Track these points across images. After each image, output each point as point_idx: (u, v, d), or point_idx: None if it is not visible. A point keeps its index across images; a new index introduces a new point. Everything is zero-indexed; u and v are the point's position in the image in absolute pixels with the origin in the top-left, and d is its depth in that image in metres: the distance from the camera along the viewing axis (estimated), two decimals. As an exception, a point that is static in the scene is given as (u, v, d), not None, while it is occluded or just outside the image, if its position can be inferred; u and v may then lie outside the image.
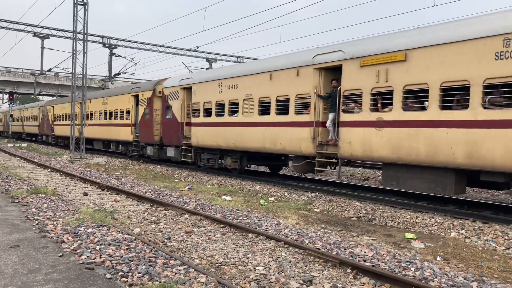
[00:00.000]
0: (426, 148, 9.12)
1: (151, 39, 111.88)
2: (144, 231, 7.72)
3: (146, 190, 12.49)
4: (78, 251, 6.00)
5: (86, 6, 24.56)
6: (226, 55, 45.09)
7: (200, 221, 8.57)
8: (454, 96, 8.74)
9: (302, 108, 12.26)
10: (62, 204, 9.63)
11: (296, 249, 6.64)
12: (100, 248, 6.14)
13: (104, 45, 38.15)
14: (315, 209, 10.47)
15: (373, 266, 5.82)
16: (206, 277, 5.14)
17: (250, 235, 7.48)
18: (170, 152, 19.24)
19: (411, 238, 7.80)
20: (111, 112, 24.77)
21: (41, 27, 35.33)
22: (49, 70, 40.53)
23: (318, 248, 6.63)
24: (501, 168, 8.03)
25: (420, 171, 9.58)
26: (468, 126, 8.41)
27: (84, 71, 25.01)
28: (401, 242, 7.63)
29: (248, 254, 6.35)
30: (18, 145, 37.24)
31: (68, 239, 6.61)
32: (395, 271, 5.69)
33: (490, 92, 8.15)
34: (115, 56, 38.67)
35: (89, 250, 6.03)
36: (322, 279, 5.42)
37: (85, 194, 11.74)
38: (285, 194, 12.24)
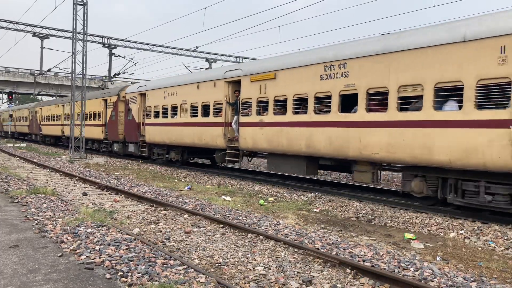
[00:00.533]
0: (286, 141, 12.60)
1: (150, 39, 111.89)
2: (144, 231, 7.72)
3: (145, 190, 12.48)
4: (77, 251, 6.00)
5: (85, 6, 24.56)
6: (225, 55, 45.09)
7: (200, 221, 8.57)
8: (301, 104, 12.23)
9: (217, 111, 15.66)
10: (62, 204, 9.62)
11: (296, 249, 6.64)
12: (99, 248, 6.14)
13: (104, 45, 38.13)
14: (314, 209, 10.48)
15: (373, 266, 5.83)
16: (206, 277, 5.14)
17: (249, 235, 7.48)
18: (131, 148, 22.78)
19: (410, 238, 7.80)
20: (87, 114, 28.08)
21: (41, 27, 35.31)
22: (49, 70, 40.50)
23: (318, 248, 6.64)
24: (326, 155, 11.57)
25: (287, 158, 13.07)
26: (307, 126, 11.92)
27: (84, 71, 25.00)
28: (400, 242, 7.63)
29: (248, 254, 6.35)
30: (17, 145, 37.22)
31: (67, 239, 6.61)
32: (394, 271, 5.70)
33: (319, 102, 11.73)
34: (115, 56, 38.65)
35: (89, 250, 6.03)
36: (321, 279, 5.42)
37: (85, 194, 11.73)
38: (285, 194, 12.24)
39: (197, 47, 36.56)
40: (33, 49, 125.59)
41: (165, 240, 7.10)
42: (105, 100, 25.34)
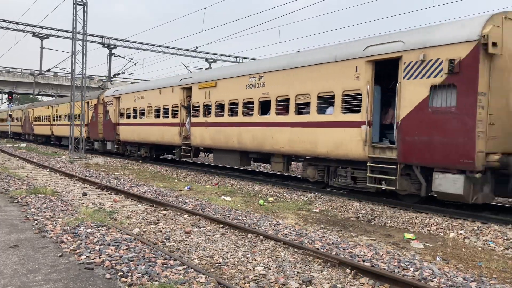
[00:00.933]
0: (224, 139, 15.33)
1: (150, 39, 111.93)
2: (144, 231, 7.72)
3: (145, 190, 12.48)
4: (77, 251, 6.00)
5: (85, 6, 24.55)
6: (225, 55, 45.09)
7: (200, 221, 8.57)
8: (234, 108, 14.93)
9: (175, 113, 18.41)
10: (62, 204, 9.62)
11: (296, 249, 6.64)
12: (99, 248, 6.14)
13: (104, 45, 38.13)
14: (314, 210, 10.48)
15: (373, 266, 5.83)
16: (206, 277, 5.14)
17: (249, 235, 7.48)
18: (108, 146, 25.53)
19: (410, 239, 7.81)
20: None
21: (41, 27, 35.30)
22: (48, 70, 40.47)
23: (318, 248, 6.64)
24: (252, 149, 14.34)
25: (226, 152, 15.73)
26: (237, 126, 14.68)
27: (84, 71, 24.99)
28: (400, 242, 7.64)
29: (248, 254, 6.35)
30: (17, 145, 37.21)
31: (67, 239, 6.61)
32: (394, 271, 5.70)
33: (246, 106, 14.27)
34: (115, 56, 38.64)
35: (89, 250, 6.03)
36: (321, 279, 5.43)
37: (85, 194, 11.73)
38: (285, 194, 12.25)
39: (197, 47, 36.58)
40: (32, 49, 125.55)
41: (165, 240, 7.10)
42: (88, 103, 27.70)
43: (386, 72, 10.88)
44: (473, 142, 8.44)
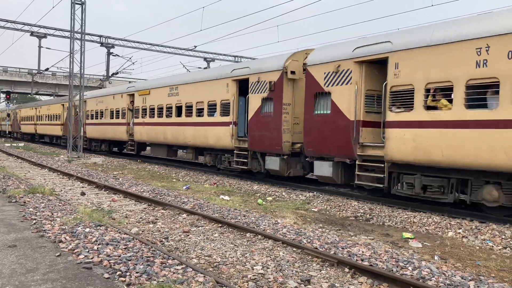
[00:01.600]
0: (155, 135, 19.92)
1: (149, 38, 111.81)
2: (142, 231, 7.72)
3: (143, 190, 12.47)
4: (76, 250, 5.99)
5: (83, 5, 24.49)
6: (224, 55, 45.07)
7: (198, 220, 8.56)
8: (161, 111, 19.26)
9: (123, 115, 23.29)
10: (60, 204, 9.61)
11: (294, 249, 6.64)
12: (98, 248, 6.13)
13: (102, 44, 38.07)
14: (313, 209, 10.49)
15: (371, 265, 5.84)
16: (204, 276, 5.14)
17: (248, 234, 7.48)
18: (79, 142, 30.05)
19: (408, 238, 7.82)
20: (51, 116, 36.30)
21: (39, 26, 35.24)
22: (47, 69, 40.44)
23: (316, 248, 6.64)
24: (172, 143, 18.92)
25: (159, 146, 20.47)
26: (163, 125, 19.19)
27: (82, 70, 24.95)
28: (398, 241, 7.65)
29: (246, 254, 6.35)
30: (15, 144, 37.14)
31: (65, 239, 6.59)
32: (392, 270, 5.71)
33: (168, 110, 19.00)
34: (113, 55, 38.58)
35: (87, 250, 6.02)
36: (320, 278, 5.43)
37: (83, 193, 11.72)
38: (283, 193, 12.25)
39: (195, 47, 36.56)
40: (31, 48, 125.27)
41: (163, 240, 7.09)
42: (63, 105, 32.86)
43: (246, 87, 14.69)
44: (281, 136, 13.03)
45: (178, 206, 9.67)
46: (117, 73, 36.79)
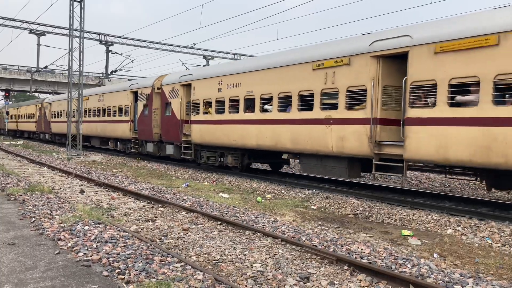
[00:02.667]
0: (105, 131, 25.58)
1: (147, 36, 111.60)
2: (141, 229, 7.72)
3: (143, 188, 12.47)
4: (74, 248, 5.99)
5: (82, 3, 24.44)
6: (223, 52, 45.03)
7: (197, 218, 8.56)
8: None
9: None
10: (59, 202, 9.60)
11: (293, 246, 6.64)
12: (97, 246, 6.12)
13: (101, 42, 38.02)
14: (312, 207, 10.49)
15: (370, 263, 5.84)
16: (203, 274, 5.14)
17: (247, 232, 7.48)
18: (43, 136, 38.11)
19: (407, 235, 7.82)
20: (28, 114, 43.51)
21: (37, 24, 35.16)
22: (45, 67, 40.37)
23: (315, 245, 6.65)
24: (109, 136, 25.82)
25: (99, 139, 27.83)
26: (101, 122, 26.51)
27: (81, 68, 24.91)
28: (397, 239, 7.65)
29: (245, 251, 6.35)
30: (14, 142, 37.10)
31: (64, 237, 6.58)
32: (391, 268, 5.71)
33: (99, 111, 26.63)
34: (112, 53, 38.51)
35: (86, 248, 6.01)
36: (319, 276, 5.43)
37: (82, 191, 11.71)
38: (282, 191, 12.25)
39: (194, 44, 36.46)
40: (29, 46, 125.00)
41: (162, 238, 7.10)
42: (36, 106, 40.55)
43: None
44: (151, 129, 19.70)
45: (177, 204, 9.67)
46: (116, 70, 36.73)
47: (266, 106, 13.57)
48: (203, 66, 27.22)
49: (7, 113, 51.59)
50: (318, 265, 5.84)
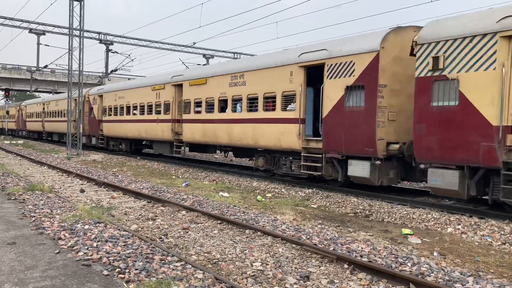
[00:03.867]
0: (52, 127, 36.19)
1: (147, 35, 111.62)
2: (141, 228, 7.72)
3: (143, 187, 12.47)
4: (75, 248, 5.99)
5: (82, 2, 24.42)
6: (223, 51, 45.00)
7: (197, 217, 8.56)
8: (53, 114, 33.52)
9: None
10: (59, 201, 9.60)
11: (293, 245, 6.64)
12: (97, 245, 6.13)
13: (101, 41, 38.00)
14: (312, 205, 10.49)
15: (370, 261, 5.84)
16: (203, 273, 5.14)
17: (247, 231, 7.48)
18: (22, 133, 47.06)
19: (408, 234, 7.82)
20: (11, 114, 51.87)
21: (37, 23, 35.15)
22: (45, 66, 40.38)
23: (315, 244, 6.65)
24: (58, 131, 34.51)
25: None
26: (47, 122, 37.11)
27: (81, 67, 24.90)
28: (398, 237, 7.65)
29: (245, 250, 6.35)
30: (14, 142, 37.11)
31: (65, 236, 6.59)
32: (391, 266, 5.71)
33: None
34: (112, 52, 38.51)
35: (86, 247, 6.02)
36: (319, 274, 5.43)
37: (82, 191, 11.71)
38: (282, 190, 12.25)
39: (194, 43, 36.45)
40: (29, 45, 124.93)
41: (162, 237, 7.10)
42: (16, 108, 48.08)
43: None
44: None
45: (177, 203, 9.67)
46: (116, 70, 36.73)
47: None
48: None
49: (7, 112, 51.57)
50: (318, 264, 5.84)
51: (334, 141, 11.30)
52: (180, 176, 15.85)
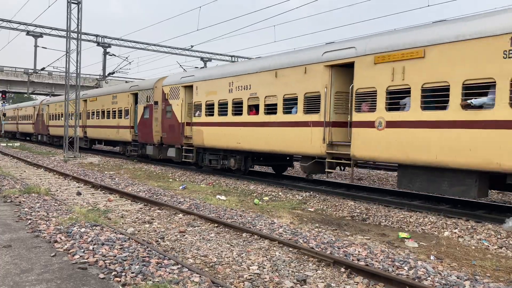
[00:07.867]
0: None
1: (145, 38, 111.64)
2: (138, 231, 7.69)
3: (140, 190, 12.44)
4: (71, 251, 5.97)
5: (79, 5, 24.41)
6: (220, 55, 45.02)
7: (194, 220, 8.55)
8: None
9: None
10: (55, 204, 9.57)
11: (290, 249, 6.64)
12: (93, 248, 6.11)
13: (98, 44, 37.96)
14: (309, 209, 10.48)
15: (367, 265, 5.84)
16: (200, 276, 5.13)
17: (244, 234, 7.47)
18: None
19: (404, 237, 7.82)
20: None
21: (35, 26, 35.09)
22: (43, 69, 40.26)
23: (312, 248, 6.64)
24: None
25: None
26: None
27: (78, 70, 24.87)
28: (394, 241, 7.65)
29: (242, 254, 6.34)
30: (11, 144, 36.98)
31: (61, 239, 6.56)
32: (388, 270, 5.71)
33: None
34: (109, 55, 38.48)
35: (82, 250, 5.99)
36: (316, 278, 5.42)
37: (79, 193, 11.67)
38: (280, 193, 12.24)
39: (192, 46, 36.48)
40: (27, 48, 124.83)
41: (159, 240, 7.07)
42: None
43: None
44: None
45: (174, 206, 9.65)
46: (113, 72, 36.69)
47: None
48: (201, 67, 27.07)
49: (4, 114, 51.50)
50: (315, 268, 5.83)
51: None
52: (177, 179, 15.82)
